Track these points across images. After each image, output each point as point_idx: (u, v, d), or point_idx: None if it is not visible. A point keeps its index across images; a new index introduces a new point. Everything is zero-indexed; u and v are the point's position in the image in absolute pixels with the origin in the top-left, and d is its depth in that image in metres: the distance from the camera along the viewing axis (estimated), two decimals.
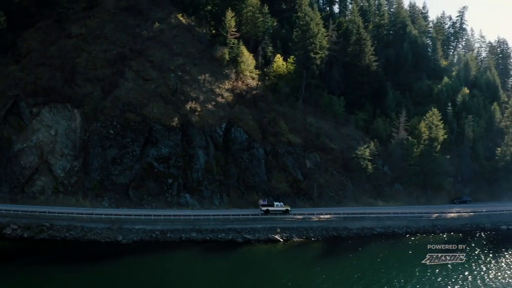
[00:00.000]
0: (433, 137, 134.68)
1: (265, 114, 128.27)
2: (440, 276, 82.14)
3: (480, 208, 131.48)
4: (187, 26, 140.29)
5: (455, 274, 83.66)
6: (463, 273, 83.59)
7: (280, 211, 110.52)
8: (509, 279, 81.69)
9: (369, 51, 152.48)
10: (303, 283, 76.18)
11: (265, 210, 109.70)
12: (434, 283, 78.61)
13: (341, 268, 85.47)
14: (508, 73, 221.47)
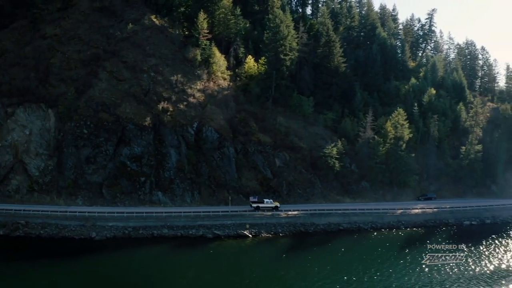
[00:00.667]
0: (399, 136, 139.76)
1: (236, 114, 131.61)
2: (397, 268, 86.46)
3: (444, 204, 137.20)
4: (160, 27, 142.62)
5: (412, 266, 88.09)
6: (420, 266, 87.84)
7: (270, 207, 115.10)
8: (467, 271, 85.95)
9: (338, 52, 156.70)
10: (269, 276, 79.38)
11: (256, 207, 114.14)
12: (392, 275, 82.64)
13: (306, 261, 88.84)
14: (476, 74, 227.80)
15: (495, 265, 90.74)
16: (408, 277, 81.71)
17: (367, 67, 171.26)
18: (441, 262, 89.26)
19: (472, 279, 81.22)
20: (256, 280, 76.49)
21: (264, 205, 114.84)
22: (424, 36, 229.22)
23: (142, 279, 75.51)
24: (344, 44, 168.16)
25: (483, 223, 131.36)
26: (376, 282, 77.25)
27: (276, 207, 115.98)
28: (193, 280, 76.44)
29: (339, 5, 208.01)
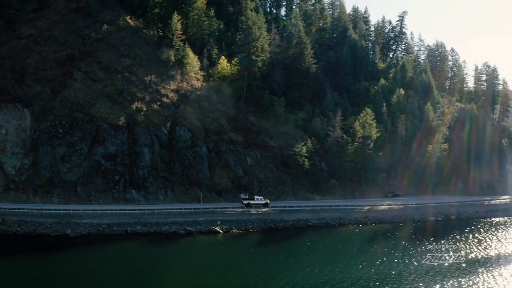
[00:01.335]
0: (367, 135, 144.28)
1: (208, 113, 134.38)
2: (358, 261, 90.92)
3: (411, 201, 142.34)
4: (135, 28, 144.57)
5: (373, 258, 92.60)
6: (381, 258, 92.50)
7: (260, 204, 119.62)
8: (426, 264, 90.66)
9: (309, 54, 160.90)
10: (235, 269, 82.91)
11: (247, 203, 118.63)
12: (352, 267, 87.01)
13: (273, 255, 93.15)
14: (446, 75, 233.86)
15: (454, 258, 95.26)
16: (368, 268, 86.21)
17: (338, 68, 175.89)
18: (401, 255, 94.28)
19: (430, 271, 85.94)
20: (223, 273, 79.95)
21: (254, 202, 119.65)
22: (395, 38, 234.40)
23: (115, 274, 78.02)
24: (315, 45, 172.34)
25: (447, 219, 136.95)
26: (336, 273, 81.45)
27: (266, 203, 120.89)
28: (164, 274, 79.37)
29: (313, 6, 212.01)
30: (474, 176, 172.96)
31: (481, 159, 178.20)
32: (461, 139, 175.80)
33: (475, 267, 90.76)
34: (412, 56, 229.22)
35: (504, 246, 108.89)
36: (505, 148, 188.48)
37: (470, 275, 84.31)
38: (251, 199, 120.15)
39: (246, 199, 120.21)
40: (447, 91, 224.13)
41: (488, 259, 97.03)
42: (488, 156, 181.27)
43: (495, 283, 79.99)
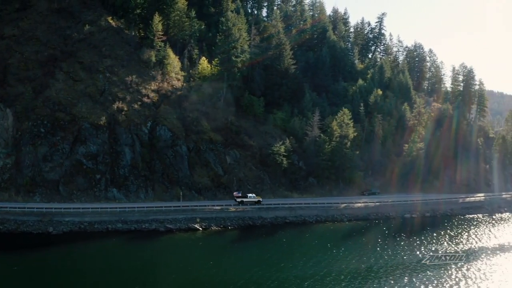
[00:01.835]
0: (344, 134, 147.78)
1: (188, 113, 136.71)
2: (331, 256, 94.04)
3: (387, 198, 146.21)
4: (116, 29, 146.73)
5: (346, 253, 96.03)
6: (353, 253, 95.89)
7: (253, 202, 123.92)
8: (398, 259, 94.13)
9: (288, 55, 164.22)
10: (212, 264, 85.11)
11: (240, 201, 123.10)
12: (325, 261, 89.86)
13: (249, 251, 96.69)
14: (424, 75, 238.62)
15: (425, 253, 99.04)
16: (340, 263, 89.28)
17: (317, 69, 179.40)
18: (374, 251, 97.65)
19: (399, 266, 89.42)
20: (201, 268, 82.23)
21: (247, 199, 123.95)
22: (374, 39, 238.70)
23: (96, 270, 79.62)
24: (295, 46, 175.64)
25: (423, 216, 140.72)
26: (308, 268, 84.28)
27: (258, 201, 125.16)
28: (144, 270, 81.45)
29: (293, 7, 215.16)
30: (450, 174, 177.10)
31: (457, 158, 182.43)
32: (437, 139, 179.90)
33: (443, 262, 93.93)
34: (391, 57, 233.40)
35: (473, 242, 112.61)
36: (480, 147, 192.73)
37: (437, 270, 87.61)
38: (244, 197, 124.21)
39: (239, 196, 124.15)
40: (425, 91, 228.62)
41: (457, 254, 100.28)
42: (464, 155, 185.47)
43: (462, 277, 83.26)
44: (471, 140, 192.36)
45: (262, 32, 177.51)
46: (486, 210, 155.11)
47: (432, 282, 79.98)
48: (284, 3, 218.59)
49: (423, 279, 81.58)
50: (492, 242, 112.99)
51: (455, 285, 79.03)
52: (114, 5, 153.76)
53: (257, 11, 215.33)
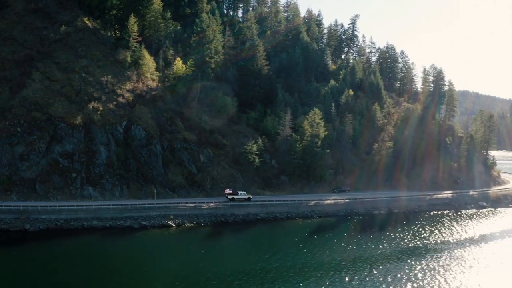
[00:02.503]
0: (315, 134, 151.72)
1: (163, 113, 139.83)
2: (298, 251, 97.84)
3: (356, 196, 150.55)
4: (93, 29, 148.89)
5: (311, 247, 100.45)
6: (319, 248, 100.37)
7: (243, 199, 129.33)
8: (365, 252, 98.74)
9: (261, 56, 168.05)
10: (182, 259, 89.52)
11: (231, 198, 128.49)
12: (290, 256, 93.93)
13: (219, 246, 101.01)
14: (395, 76, 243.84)
15: (386, 247, 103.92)
16: (305, 257, 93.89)
17: (290, 70, 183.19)
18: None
19: (361, 258, 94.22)
20: (171, 262, 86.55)
21: (238, 196, 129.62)
22: (347, 41, 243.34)
23: (71, 266, 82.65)
24: (268, 47, 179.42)
25: (391, 212, 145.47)
26: (274, 261, 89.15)
27: (248, 198, 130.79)
28: (118, 265, 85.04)
29: (268, 9, 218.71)
30: (419, 172, 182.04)
31: (426, 156, 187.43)
32: (407, 138, 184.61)
33: (405, 255, 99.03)
34: (364, 58, 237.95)
35: (435, 237, 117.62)
36: (449, 146, 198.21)
37: (396, 263, 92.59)
38: (235, 194, 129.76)
39: (230, 194, 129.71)
40: (397, 91, 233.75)
41: (418, 248, 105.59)
42: (433, 153, 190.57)
43: (421, 270, 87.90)
44: (440, 139, 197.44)
45: (237, 33, 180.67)
46: (453, 207, 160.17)
47: (391, 273, 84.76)
48: (260, 4, 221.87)
49: (383, 271, 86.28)
50: (453, 237, 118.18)
51: (413, 276, 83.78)
52: (90, 5, 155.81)
53: (232, 12, 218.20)
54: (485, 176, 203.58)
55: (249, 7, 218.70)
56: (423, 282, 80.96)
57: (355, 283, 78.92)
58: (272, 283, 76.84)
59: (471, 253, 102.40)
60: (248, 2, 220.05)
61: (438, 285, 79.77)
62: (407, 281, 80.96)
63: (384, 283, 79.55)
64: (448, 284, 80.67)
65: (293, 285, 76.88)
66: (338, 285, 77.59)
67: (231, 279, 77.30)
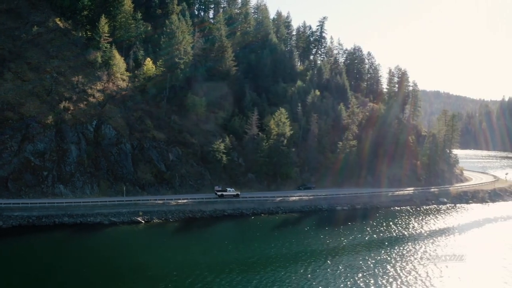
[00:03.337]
0: (281, 132, 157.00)
1: (133, 112, 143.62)
2: (263, 245, 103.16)
3: (321, 192, 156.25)
4: (64, 30, 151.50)
5: (276, 242, 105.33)
6: (280, 241, 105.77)
7: (232, 195, 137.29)
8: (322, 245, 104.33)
9: (229, 57, 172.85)
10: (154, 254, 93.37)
11: (220, 195, 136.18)
12: (257, 249, 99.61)
13: (184, 240, 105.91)
14: (362, 77, 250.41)
15: (347, 239, 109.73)
16: (266, 249, 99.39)
17: (258, 70, 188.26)
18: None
19: (323, 251, 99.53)
20: (138, 256, 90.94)
21: (227, 193, 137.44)
22: (315, 42, 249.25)
23: (43, 261, 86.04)
24: (237, 49, 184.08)
25: (354, 208, 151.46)
26: (235, 253, 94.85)
27: (237, 194, 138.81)
28: (87, 259, 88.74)
29: (239, 10, 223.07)
30: (383, 170, 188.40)
31: (390, 154, 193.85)
32: (371, 136, 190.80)
33: (360, 248, 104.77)
34: (332, 59, 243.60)
35: (393, 230, 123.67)
36: (412, 145, 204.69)
37: (352, 255, 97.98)
38: (224, 191, 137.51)
39: (220, 190, 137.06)
40: (363, 92, 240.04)
41: (374, 241, 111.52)
42: (396, 152, 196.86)
43: (372, 262, 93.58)
44: (403, 138, 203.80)
45: (207, 34, 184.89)
46: (414, 203, 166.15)
47: (344, 264, 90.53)
48: (230, 6, 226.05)
49: (337, 262, 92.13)
50: (409, 231, 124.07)
51: (365, 266, 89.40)
52: (62, 6, 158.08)
53: (203, 13, 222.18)
54: (447, 174, 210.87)
55: (220, 8, 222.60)
56: (373, 272, 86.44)
57: (308, 273, 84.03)
58: (230, 273, 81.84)
59: (423, 246, 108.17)
60: (219, 4, 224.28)
61: (388, 275, 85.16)
62: (358, 271, 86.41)
63: (336, 273, 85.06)
64: (398, 273, 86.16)
65: (250, 275, 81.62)
66: (293, 276, 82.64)
67: (193, 270, 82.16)
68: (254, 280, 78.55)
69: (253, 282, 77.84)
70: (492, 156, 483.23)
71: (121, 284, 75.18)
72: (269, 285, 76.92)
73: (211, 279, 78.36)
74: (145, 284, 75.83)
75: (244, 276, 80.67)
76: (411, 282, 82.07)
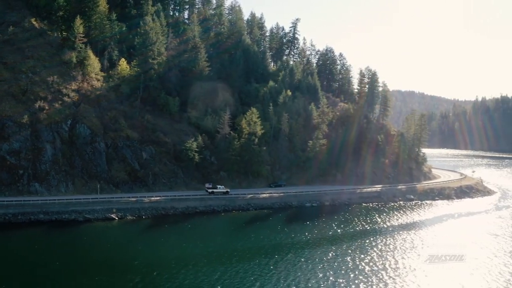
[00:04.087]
0: (252, 132, 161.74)
1: (107, 112, 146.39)
2: (233, 240, 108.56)
3: (291, 190, 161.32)
4: (40, 30, 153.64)
5: (245, 237, 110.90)
6: (249, 236, 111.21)
7: (222, 192, 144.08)
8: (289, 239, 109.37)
9: (202, 57, 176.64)
10: (126, 249, 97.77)
11: (211, 192, 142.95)
12: (226, 243, 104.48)
13: (159, 237, 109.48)
14: (334, 77, 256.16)
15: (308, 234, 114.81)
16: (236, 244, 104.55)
17: (231, 71, 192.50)
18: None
19: (287, 245, 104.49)
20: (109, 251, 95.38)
21: (217, 190, 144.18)
22: (288, 43, 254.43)
23: (18, 257, 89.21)
24: (210, 50, 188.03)
25: (322, 205, 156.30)
26: (205, 248, 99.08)
27: (227, 191, 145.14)
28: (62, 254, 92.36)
29: (214, 11, 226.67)
30: (352, 168, 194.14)
31: (360, 153, 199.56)
32: (341, 136, 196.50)
33: (325, 241, 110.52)
34: (304, 60, 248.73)
35: (358, 225, 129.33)
36: (381, 143, 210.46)
37: (315, 249, 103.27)
38: (214, 188, 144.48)
39: (210, 188, 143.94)
40: (335, 92, 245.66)
41: (338, 235, 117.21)
42: (366, 150, 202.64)
43: (334, 254, 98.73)
44: (373, 137, 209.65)
45: (181, 34, 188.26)
46: (381, 199, 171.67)
47: (307, 257, 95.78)
48: (205, 6, 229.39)
49: (303, 255, 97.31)
50: (373, 226, 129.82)
51: (325, 257, 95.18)
52: (37, 6, 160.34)
53: (178, 13, 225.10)
54: (416, 172, 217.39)
55: (195, 9, 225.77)
56: (332, 263, 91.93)
57: (271, 265, 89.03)
58: (196, 265, 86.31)
59: (384, 239, 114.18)
60: (193, 4, 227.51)
61: (346, 266, 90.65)
62: (318, 263, 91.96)
63: (297, 265, 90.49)
64: (356, 265, 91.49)
65: (215, 267, 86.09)
66: (256, 267, 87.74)
67: (160, 263, 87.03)
68: (218, 272, 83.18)
69: (217, 273, 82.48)
70: (466, 155, 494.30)
71: (94, 277, 78.69)
72: (233, 276, 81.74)
73: (176, 271, 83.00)
74: (116, 276, 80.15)
75: (209, 268, 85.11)
76: (368, 272, 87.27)
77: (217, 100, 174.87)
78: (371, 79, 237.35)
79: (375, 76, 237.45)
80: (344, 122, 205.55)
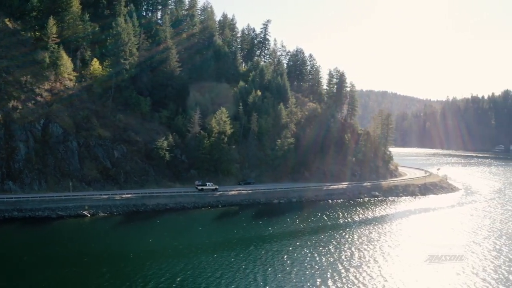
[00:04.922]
0: (222, 131, 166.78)
1: (79, 111, 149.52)
2: (200, 234, 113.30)
3: (259, 187, 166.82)
4: (13, 30, 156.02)
5: (211, 231, 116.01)
6: (216, 231, 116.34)
7: (211, 189, 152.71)
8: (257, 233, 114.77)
9: (174, 58, 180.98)
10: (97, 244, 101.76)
11: (200, 189, 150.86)
12: (194, 237, 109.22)
13: (129, 233, 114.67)
14: (304, 78, 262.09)
15: (270, 229, 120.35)
16: (202, 238, 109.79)
17: (202, 71, 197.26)
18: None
19: (250, 239, 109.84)
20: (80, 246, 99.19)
21: (206, 187, 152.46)
22: (259, 44, 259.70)
23: None
24: (182, 50, 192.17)
25: (290, 201, 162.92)
26: (172, 241, 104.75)
27: (215, 188, 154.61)
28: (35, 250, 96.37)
29: (186, 12, 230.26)
30: (320, 166, 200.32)
31: (327, 151, 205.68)
32: (309, 134, 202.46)
33: (288, 235, 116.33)
34: (275, 61, 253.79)
35: (321, 220, 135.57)
36: (347, 142, 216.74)
37: (276, 243, 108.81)
38: (203, 185, 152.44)
39: (200, 185, 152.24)
40: (305, 92, 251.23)
41: (300, 229, 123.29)
42: (333, 149, 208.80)
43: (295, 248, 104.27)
44: (340, 136, 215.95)
45: (154, 35, 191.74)
46: (347, 196, 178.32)
47: (267, 250, 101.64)
48: (177, 7, 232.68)
49: (264, 248, 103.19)
50: (336, 221, 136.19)
51: (285, 250, 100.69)
52: (11, 6, 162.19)
53: (151, 14, 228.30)
54: (382, 169, 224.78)
55: (168, 9, 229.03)
56: (292, 256, 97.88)
57: (232, 258, 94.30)
58: (159, 258, 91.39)
59: (345, 233, 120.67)
60: (166, 5, 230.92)
61: (305, 258, 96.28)
62: (277, 255, 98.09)
63: (257, 257, 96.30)
64: (314, 257, 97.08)
65: (178, 260, 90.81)
66: (218, 259, 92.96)
67: (127, 256, 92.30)
68: (182, 263, 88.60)
69: (181, 265, 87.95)
70: (437, 154, 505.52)
71: (65, 270, 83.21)
72: (195, 267, 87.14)
73: (142, 262, 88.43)
74: (85, 268, 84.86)
75: (173, 260, 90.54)
76: (324, 263, 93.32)
77: (188, 100, 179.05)
78: (339, 80, 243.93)
79: (343, 77, 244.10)
80: (312, 121, 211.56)
